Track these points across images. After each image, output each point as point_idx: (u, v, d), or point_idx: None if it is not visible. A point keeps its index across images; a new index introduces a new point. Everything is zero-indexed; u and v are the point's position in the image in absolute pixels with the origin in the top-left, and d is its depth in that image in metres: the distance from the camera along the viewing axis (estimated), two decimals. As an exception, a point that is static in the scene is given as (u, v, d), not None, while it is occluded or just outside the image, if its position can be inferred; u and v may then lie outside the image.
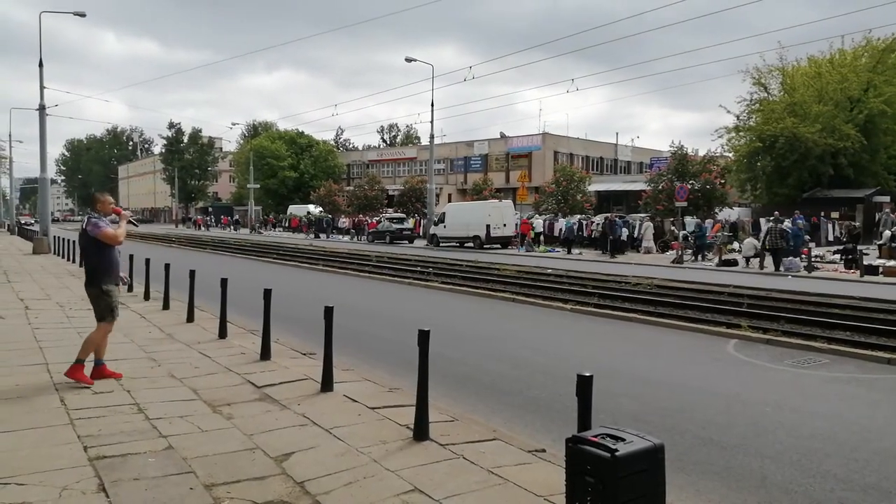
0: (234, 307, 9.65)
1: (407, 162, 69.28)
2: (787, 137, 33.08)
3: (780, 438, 5.66)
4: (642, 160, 61.39)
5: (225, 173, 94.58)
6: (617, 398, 6.69)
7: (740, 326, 10.53)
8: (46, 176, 30.99)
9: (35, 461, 4.43)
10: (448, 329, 10.21)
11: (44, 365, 7.25)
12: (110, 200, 6.99)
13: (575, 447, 3.07)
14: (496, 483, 4.29)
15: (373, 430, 5.28)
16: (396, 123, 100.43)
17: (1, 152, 68.26)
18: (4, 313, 10.89)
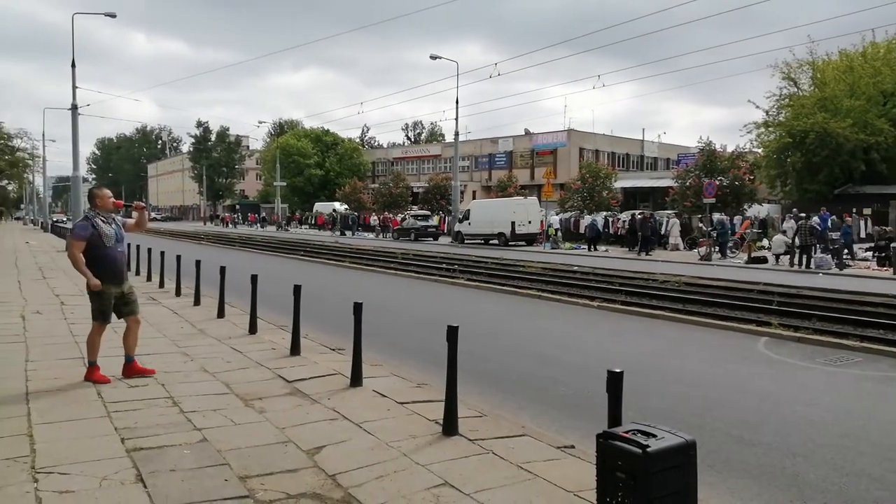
0: (264, 303, 9.78)
1: (431, 159, 69.37)
2: (817, 133, 32.47)
3: (811, 437, 5.61)
4: (669, 156, 60.76)
5: (252, 171, 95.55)
6: (645, 395, 6.66)
7: (770, 324, 10.41)
8: (79, 174, 31.49)
9: (75, 452, 4.55)
10: (474, 326, 10.23)
11: (80, 359, 7.41)
12: (108, 194, 6.60)
13: (606, 443, 3.08)
14: (526, 478, 4.31)
15: (402, 425, 5.33)
16: (421, 121, 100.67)
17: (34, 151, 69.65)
18: (41, 309, 11.16)
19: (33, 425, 5.10)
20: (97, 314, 6.41)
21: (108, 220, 6.45)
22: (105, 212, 6.49)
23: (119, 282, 6.45)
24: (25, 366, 7.04)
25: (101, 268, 6.28)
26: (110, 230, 6.35)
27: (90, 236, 6.23)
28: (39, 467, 4.27)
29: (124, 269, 6.57)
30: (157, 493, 3.94)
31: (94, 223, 6.30)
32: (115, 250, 6.35)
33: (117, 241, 6.40)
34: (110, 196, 6.61)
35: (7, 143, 66.84)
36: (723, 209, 31.95)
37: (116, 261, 6.39)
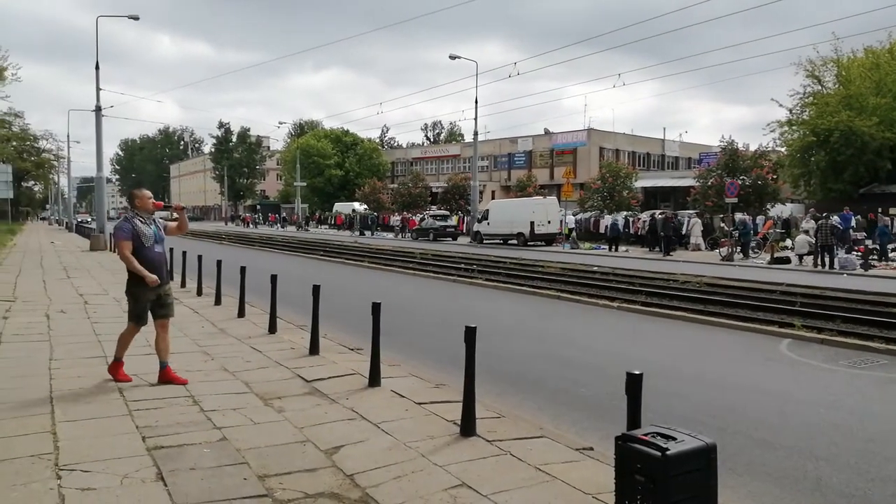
0: (283, 303, 9.84)
1: (450, 159, 69.39)
2: (842, 131, 31.97)
3: (835, 440, 5.52)
4: (690, 155, 60.22)
5: (272, 171, 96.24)
6: (666, 397, 6.60)
7: (793, 326, 10.27)
8: (102, 175, 31.96)
9: (97, 450, 4.61)
10: (493, 326, 10.21)
11: (103, 358, 7.51)
12: (148, 195, 6.52)
13: (625, 445, 3.05)
14: (544, 480, 4.29)
15: (420, 425, 5.33)
16: (440, 121, 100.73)
17: (59, 152, 70.75)
18: (65, 308, 11.32)
19: (57, 423, 5.18)
20: (132, 315, 6.37)
21: (148, 220, 6.37)
22: (144, 212, 6.40)
23: (161, 282, 6.39)
24: (49, 364, 7.15)
25: (143, 266, 6.23)
26: (149, 231, 6.28)
27: (131, 235, 6.22)
28: (62, 464, 4.33)
29: (163, 270, 6.42)
30: (176, 491, 3.98)
31: (132, 223, 6.24)
32: (153, 251, 6.27)
33: (156, 242, 6.32)
34: (150, 197, 6.52)
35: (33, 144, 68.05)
36: (745, 209, 31.60)
37: (154, 261, 6.28)
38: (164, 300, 6.45)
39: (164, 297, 6.45)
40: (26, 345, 8.18)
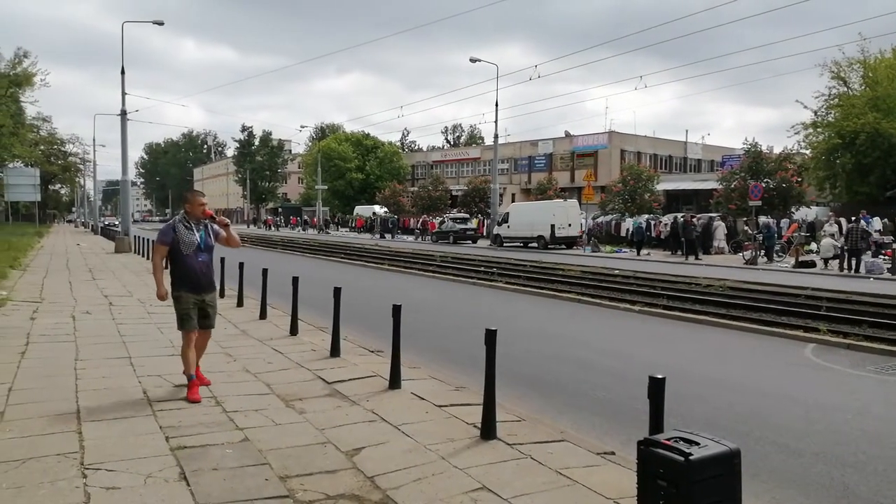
0: (304, 305, 9.89)
1: (471, 162, 69.37)
2: (868, 133, 31.49)
3: (862, 447, 5.43)
4: (713, 158, 59.65)
5: (294, 175, 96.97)
6: (688, 402, 6.54)
7: (819, 330, 10.13)
8: (127, 178, 32.46)
9: (121, 449, 4.66)
10: (513, 329, 10.19)
11: (127, 358, 7.61)
12: (200, 201, 6.12)
13: (647, 450, 3.03)
14: (565, 484, 4.27)
15: (440, 428, 5.33)
16: (460, 124, 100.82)
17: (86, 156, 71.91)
18: (91, 309, 11.48)
19: (82, 423, 5.25)
20: (177, 321, 6.10)
21: (195, 227, 6.04)
22: (194, 218, 6.08)
23: (196, 291, 6.05)
24: (75, 365, 7.25)
25: (176, 275, 6.05)
26: (191, 238, 5.97)
27: (171, 241, 5.98)
28: (88, 463, 4.39)
29: (204, 279, 6.11)
30: (199, 491, 4.01)
31: (175, 228, 5.99)
32: (193, 259, 5.97)
33: (199, 250, 6.00)
34: (202, 203, 6.14)
35: (60, 148, 69.26)
36: (769, 212, 31.24)
37: (192, 269, 5.99)
38: (205, 310, 6.17)
39: (206, 307, 6.17)
40: (53, 345, 8.31)
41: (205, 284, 6.13)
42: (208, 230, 6.16)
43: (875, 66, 34.86)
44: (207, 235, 6.13)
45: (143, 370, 7.00)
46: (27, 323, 9.89)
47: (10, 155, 45.00)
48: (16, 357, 7.54)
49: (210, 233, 6.17)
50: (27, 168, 47.11)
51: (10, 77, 42.38)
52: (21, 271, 18.56)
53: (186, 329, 6.04)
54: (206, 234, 6.12)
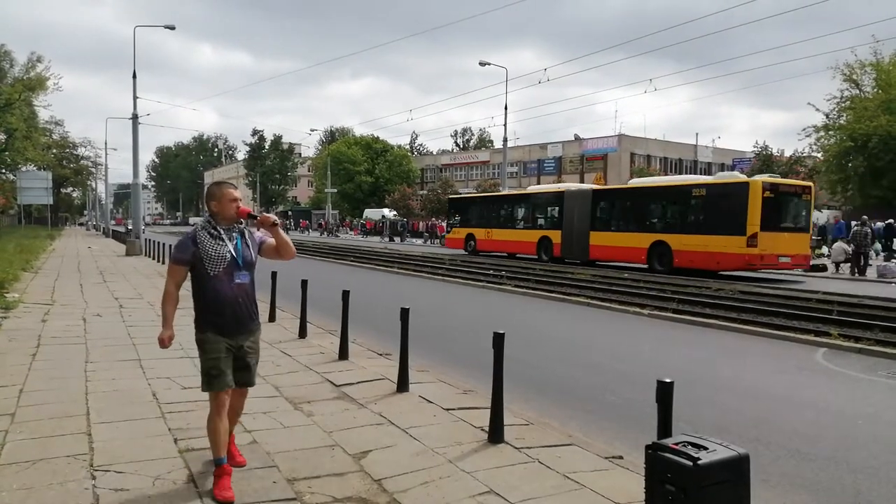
0: (313, 308, 9.92)
1: (480, 165, 69.45)
2: (881, 136, 31.32)
3: (874, 453, 5.38)
4: (724, 161, 59.44)
5: (304, 178, 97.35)
6: (697, 406, 6.50)
7: (830, 334, 10.05)
8: (139, 181, 32.66)
9: (130, 451, 4.68)
10: (522, 332, 10.17)
11: (137, 361, 7.65)
12: (231, 195, 4.11)
13: (655, 454, 3.01)
14: (572, 488, 4.25)
15: (448, 431, 5.32)
16: (470, 127, 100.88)
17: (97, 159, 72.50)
18: (101, 311, 11.55)
19: (92, 424, 5.28)
20: (202, 377, 4.07)
21: (227, 234, 4.09)
22: (224, 221, 4.12)
23: (230, 331, 4.03)
24: (85, 367, 7.29)
25: (201, 306, 4.05)
26: (222, 251, 4.01)
27: (191, 258, 4.02)
28: (97, 465, 4.41)
29: (242, 313, 4.09)
30: (207, 493, 4.02)
31: (196, 238, 4.03)
32: (224, 283, 4.00)
33: (236, 269, 4.04)
34: (235, 199, 4.12)
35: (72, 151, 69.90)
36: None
37: (224, 298, 4.00)
38: (244, 359, 4.14)
39: (245, 354, 4.14)
40: (63, 347, 8.36)
41: (243, 320, 4.10)
42: (246, 238, 4.18)
43: (888, 69, 34.65)
44: (245, 246, 4.15)
45: (152, 372, 7.04)
46: (38, 325, 9.96)
47: (24, 158, 45.43)
48: (27, 359, 7.59)
49: (249, 242, 4.19)
50: (40, 171, 47.55)
51: (24, 81, 42.80)
52: (33, 274, 18.71)
53: (216, 389, 4.03)
54: (244, 245, 4.14)
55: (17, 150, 42.54)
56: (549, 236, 26.21)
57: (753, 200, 18.88)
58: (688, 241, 20.46)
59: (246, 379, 4.19)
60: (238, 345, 4.10)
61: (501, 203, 30.60)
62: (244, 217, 4.17)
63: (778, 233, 19.12)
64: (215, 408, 4.04)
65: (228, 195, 4.11)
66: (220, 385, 4.03)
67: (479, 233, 30.66)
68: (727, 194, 19.98)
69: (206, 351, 4.04)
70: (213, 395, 4.05)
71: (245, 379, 4.19)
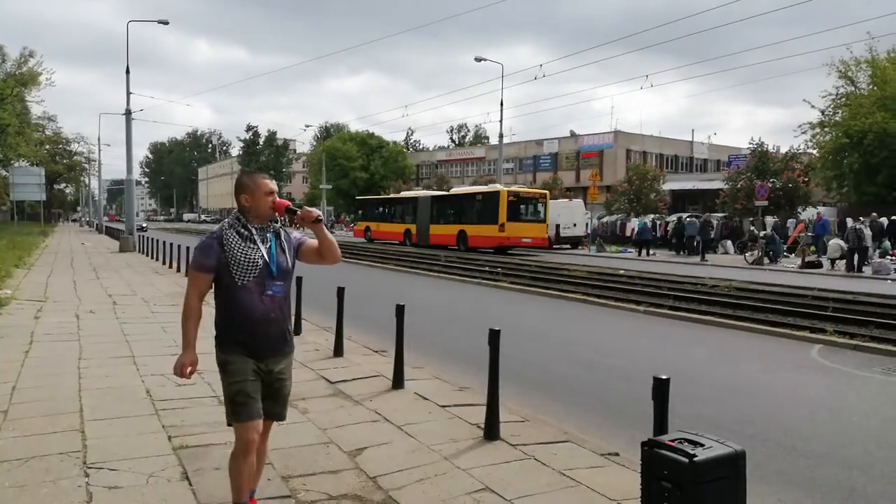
0: (308, 305, 9.88)
1: (475, 162, 69.35)
2: (876, 133, 31.36)
3: (869, 449, 5.38)
4: (719, 158, 59.49)
5: (298, 174, 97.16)
6: (693, 403, 6.50)
7: (825, 331, 10.07)
8: (132, 177, 32.53)
9: (124, 448, 4.66)
10: (517, 329, 10.16)
11: (130, 357, 7.62)
12: (265, 187, 3.39)
13: (651, 451, 3.00)
14: (568, 485, 4.24)
15: (443, 428, 5.31)
16: (465, 124, 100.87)
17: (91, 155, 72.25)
18: (94, 308, 11.50)
19: (85, 422, 5.24)
20: (227, 406, 3.40)
21: (260, 235, 3.38)
22: (257, 219, 3.39)
23: (260, 352, 3.36)
24: (78, 364, 7.25)
25: (226, 322, 3.35)
26: (253, 255, 3.32)
27: (217, 264, 3.31)
28: (90, 462, 4.38)
29: (274, 330, 3.39)
30: (201, 490, 4.00)
31: (222, 239, 3.33)
32: (255, 295, 3.31)
33: (269, 278, 3.34)
34: (271, 191, 3.41)
35: (66, 147, 69.60)
36: (775, 212, 31.13)
37: (254, 313, 3.31)
38: (275, 385, 3.46)
39: (275, 380, 3.45)
40: (56, 344, 8.31)
41: (275, 341, 3.41)
42: (282, 240, 3.45)
43: (883, 66, 34.70)
44: (281, 250, 3.42)
45: (146, 369, 7.00)
46: (31, 322, 9.91)
47: (16, 154, 45.24)
48: (20, 356, 7.54)
49: (286, 244, 3.46)
50: (32, 167, 47.29)
51: (16, 76, 42.57)
52: (26, 270, 18.62)
53: (243, 420, 3.34)
54: (279, 248, 3.42)
55: (9, 145, 42.35)
56: (410, 228, 35.10)
57: (502, 203, 28.21)
58: (474, 229, 29.94)
59: (276, 411, 3.53)
60: (268, 369, 3.40)
61: (385, 204, 40.09)
62: (281, 213, 3.43)
63: (519, 223, 28.39)
64: (242, 445, 3.36)
65: (263, 186, 3.40)
66: (249, 414, 3.33)
67: (373, 225, 39.23)
68: (489, 199, 29.31)
69: (230, 374, 3.36)
70: (240, 427, 3.34)
71: (274, 411, 3.52)
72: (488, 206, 29.19)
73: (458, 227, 31.12)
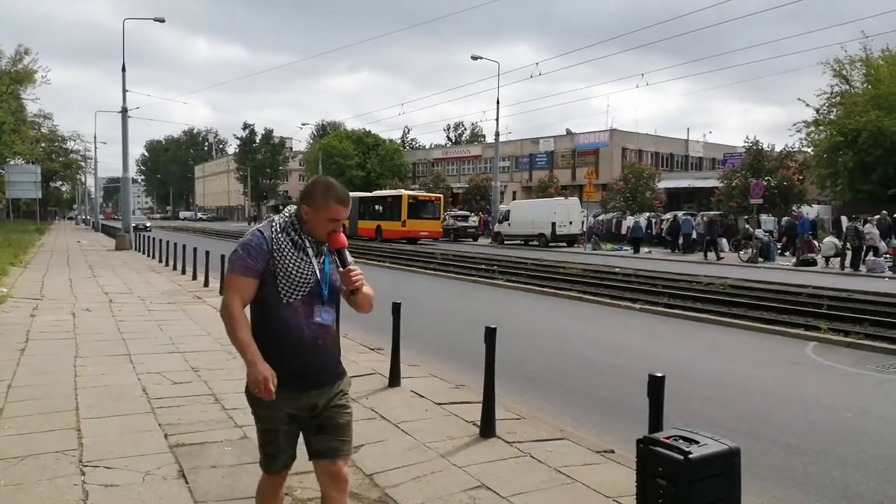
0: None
1: (472, 160, 69.33)
2: (870, 131, 31.44)
3: (863, 446, 5.41)
4: (715, 156, 59.60)
5: (295, 172, 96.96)
6: (688, 400, 6.52)
7: (819, 329, 10.10)
8: (128, 175, 32.48)
9: (120, 446, 4.66)
10: (514, 327, 10.17)
11: (127, 356, 7.61)
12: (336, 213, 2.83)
13: (646, 448, 3.01)
14: (564, 482, 4.26)
15: (440, 426, 5.32)
16: (462, 122, 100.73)
17: (87, 153, 71.98)
18: (91, 306, 11.48)
19: (81, 420, 5.24)
20: (260, 452, 2.98)
21: (315, 246, 2.86)
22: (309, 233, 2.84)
23: (302, 386, 2.78)
24: (74, 362, 7.24)
25: (265, 348, 2.73)
26: (306, 269, 2.79)
27: (263, 270, 2.74)
28: (86, 461, 4.38)
29: (321, 359, 2.84)
30: (197, 488, 4.00)
31: (273, 241, 2.77)
32: (301, 318, 2.78)
33: (318, 300, 2.84)
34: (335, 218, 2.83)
35: (61, 145, 69.32)
36: (770, 210, 31.19)
37: (297, 339, 2.77)
38: (327, 417, 2.87)
39: (329, 411, 2.88)
40: (52, 342, 8.30)
41: (318, 371, 2.83)
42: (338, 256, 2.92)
43: (877, 65, 34.80)
44: (335, 267, 2.94)
45: (142, 367, 7.00)
46: (27, 320, 9.89)
47: (12, 152, 45.06)
48: (15, 354, 7.53)
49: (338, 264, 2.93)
50: (28, 165, 47.15)
51: (11, 74, 42.39)
52: (22, 268, 18.57)
53: (271, 473, 3.00)
54: (333, 265, 2.94)
55: (4, 143, 42.13)
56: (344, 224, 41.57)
57: (404, 204, 36.82)
58: (386, 224, 38.02)
59: (332, 445, 2.87)
60: (311, 403, 2.82)
61: None
62: (332, 248, 2.87)
63: (419, 220, 36.77)
64: (268, 487, 3.04)
65: (332, 211, 2.79)
66: (276, 466, 2.95)
67: None
68: (396, 201, 37.84)
69: (260, 417, 2.86)
70: (268, 478, 3.03)
71: (331, 445, 2.86)
72: (395, 206, 37.43)
73: (376, 222, 39.08)
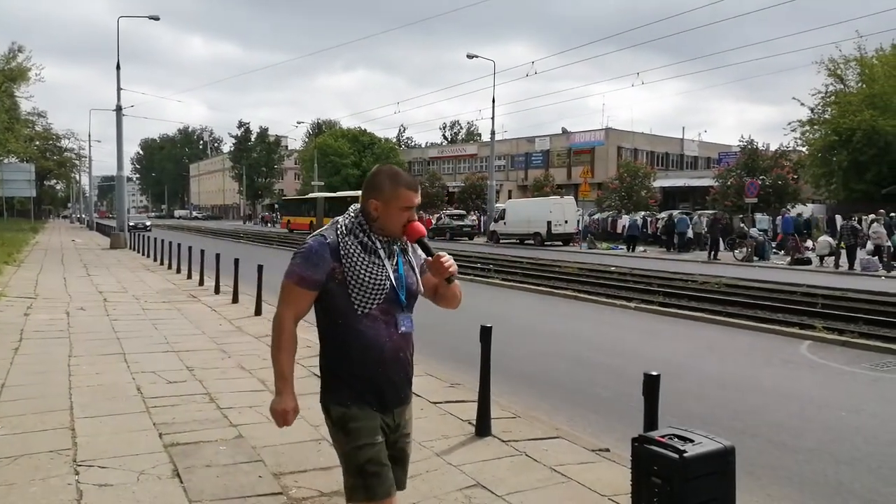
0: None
1: (468, 159, 69.30)
2: (864, 131, 31.56)
3: (857, 445, 5.43)
4: (710, 155, 59.68)
5: (290, 171, 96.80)
6: (684, 399, 6.53)
7: (814, 327, 10.13)
8: (123, 174, 32.33)
9: (114, 446, 4.64)
10: (509, 326, 10.18)
11: (121, 355, 7.58)
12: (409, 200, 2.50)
13: (641, 447, 3.01)
14: (559, 481, 4.26)
15: (435, 425, 5.31)
16: (458, 121, 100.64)
17: (81, 151, 71.72)
18: (85, 305, 11.44)
19: (75, 419, 5.22)
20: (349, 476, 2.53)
21: (386, 248, 2.56)
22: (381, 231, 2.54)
23: (388, 403, 2.58)
24: (69, 361, 7.21)
25: (340, 362, 2.59)
26: (379, 274, 2.51)
27: (326, 279, 2.50)
28: (80, 460, 4.36)
29: (403, 372, 2.64)
30: (192, 487, 3.99)
31: (338, 248, 2.49)
32: (381, 328, 2.53)
33: (397, 307, 2.59)
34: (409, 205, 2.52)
35: (56, 143, 69.03)
36: (765, 209, 31.27)
37: (380, 353, 2.53)
38: (398, 444, 2.66)
39: (401, 436, 2.67)
40: (46, 341, 8.27)
41: (401, 384, 2.64)
42: (409, 257, 2.68)
43: (871, 64, 34.91)
44: (410, 270, 2.67)
45: (137, 367, 6.98)
46: (21, 319, 9.85)
47: (5, 150, 44.82)
48: (9, 353, 7.50)
49: (414, 261, 2.69)
50: (22, 164, 46.97)
51: (5, 72, 42.22)
52: (15, 267, 18.49)
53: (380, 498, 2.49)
54: (408, 266, 2.66)
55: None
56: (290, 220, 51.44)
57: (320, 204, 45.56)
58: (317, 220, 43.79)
59: (399, 477, 2.65)
60: (395, 423, 2.61)
61: (294, 203, 56.33)
62: (412, 240, 2.59)
63: None
64: None
65: (403, 198, 2.49)
66: (387, 489, 2.49)
67: (291, 218, 51.64)
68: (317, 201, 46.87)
69: (354, 435, 2.49)
70: None
71: (397, 477, 2.62)
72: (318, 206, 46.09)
73: (309, 218, 46.70)
